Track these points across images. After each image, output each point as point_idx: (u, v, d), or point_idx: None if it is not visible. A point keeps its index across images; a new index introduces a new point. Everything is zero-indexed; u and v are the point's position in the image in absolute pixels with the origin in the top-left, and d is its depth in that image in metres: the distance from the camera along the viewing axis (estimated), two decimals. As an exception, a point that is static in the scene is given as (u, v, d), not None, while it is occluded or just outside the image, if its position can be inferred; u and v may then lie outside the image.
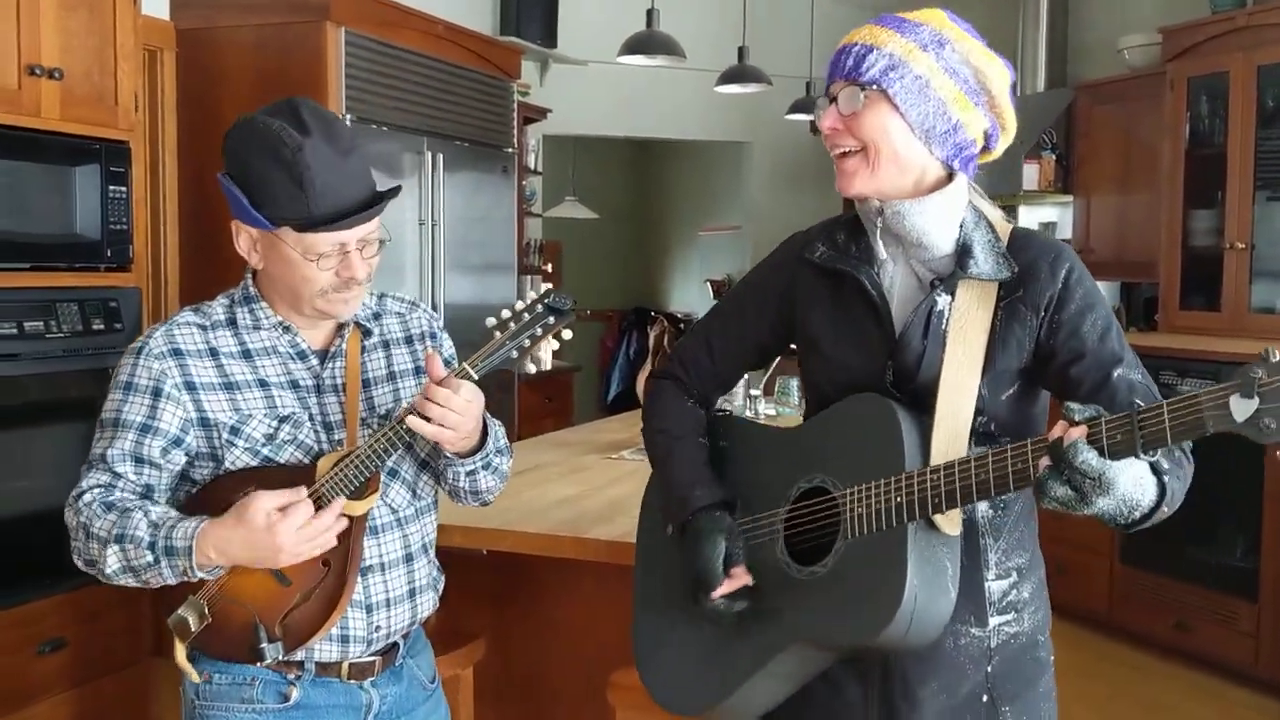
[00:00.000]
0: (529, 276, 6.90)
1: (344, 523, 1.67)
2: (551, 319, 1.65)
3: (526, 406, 5.89)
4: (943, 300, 1.59)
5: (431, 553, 1.93)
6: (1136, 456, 1.30)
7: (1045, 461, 1.34)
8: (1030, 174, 5.39)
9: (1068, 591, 5.14)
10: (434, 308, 4.79)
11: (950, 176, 1.61)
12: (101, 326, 3.24)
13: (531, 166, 6.58)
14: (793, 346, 1.82)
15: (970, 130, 1.59)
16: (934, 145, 1.58)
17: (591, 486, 2.89)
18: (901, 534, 1.48)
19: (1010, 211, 6.35)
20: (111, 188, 3.29)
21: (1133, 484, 1.34)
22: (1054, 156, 5.42)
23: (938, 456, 1.50)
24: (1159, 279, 5.00)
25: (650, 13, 4.68)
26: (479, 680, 2.69)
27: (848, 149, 1.59)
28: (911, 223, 1.59)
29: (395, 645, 1.87)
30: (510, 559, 2.58)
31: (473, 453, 1.79)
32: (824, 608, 1.56)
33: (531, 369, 1.70)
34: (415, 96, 4.66)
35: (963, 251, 1.58)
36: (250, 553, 1.62)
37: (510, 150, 5.31)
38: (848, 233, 1.69)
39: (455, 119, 4.92)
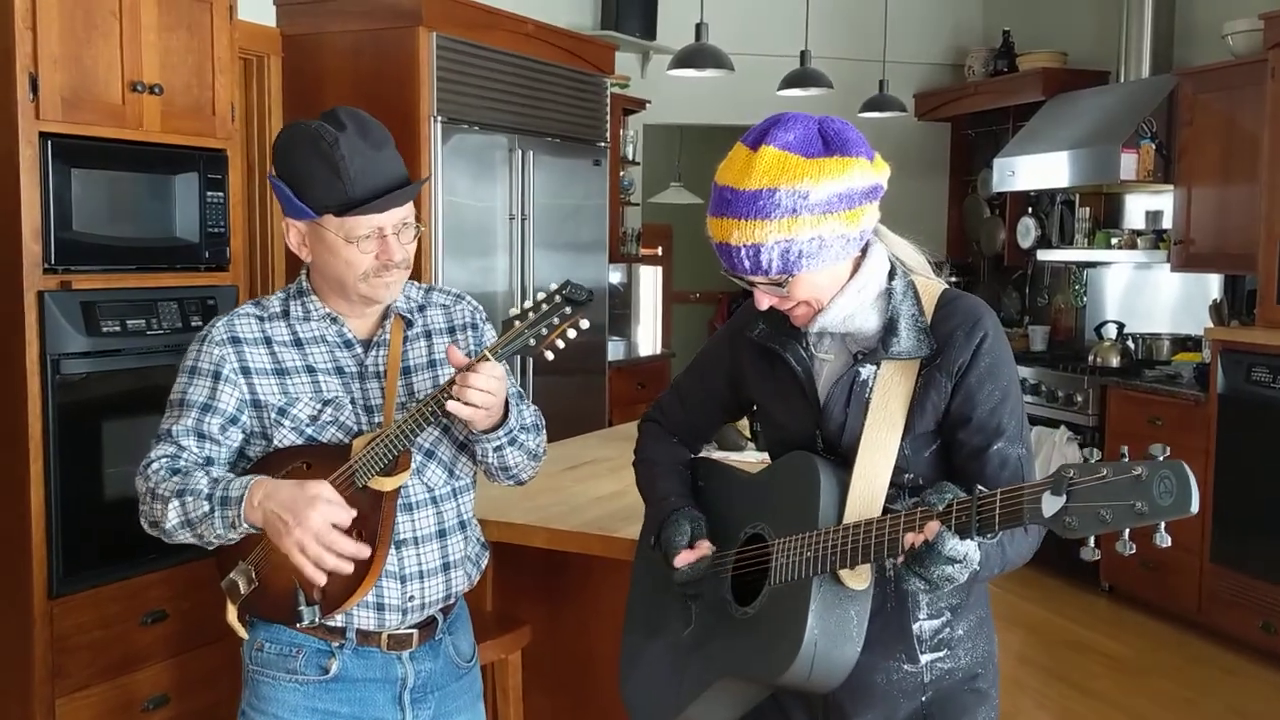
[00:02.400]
0: (628, 264, 7.03)
1: (350, 567, 1.77)
2: (568, 309, 1.77)
3: (618, 393, 6.00)
4: (866, 371, 1.71)
5: (470, 530, 2.05)
6: (971, 538, 1.44)
7: (911, 537, 1.48)
8: (1128, 163, 5.25)
9: (1156, 589, 5.08)
10: (524, 299, 4.96)
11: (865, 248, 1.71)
12: (200, 323, 3.47)
13: (629, 157, 6.68)
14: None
15: (868, 221, 1.66)
16: (850, 253, 1.67)
17: (631, 484, 2.96)
18: (808, 586, 1.62)
19: (1112, 201, 6.21)
20: (209, 193, 3.54)
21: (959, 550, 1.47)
22: (1153, 145, 5.27)
23: (852, 513, 1.63)
24: (1259, 272, 4.85)
25: (699, 26, 4.74)
26: (527, 665, 2.84)
27: (792, 305, 1.71)
28: (840, 324, 1.71)
29: (434, 620, 1.99)
30: (560, 550, 2.72)
31: (496, 428, 1.90)
32: (745, 646, 1.72)
33: (549, 356, 1.80)
34: (505, 95, 4.81)
35: (888, 329, 1.69)
36: (283, 509, 1.72)
37: (602, 144, 5.43)
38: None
39: (546, 115, 5.05)
